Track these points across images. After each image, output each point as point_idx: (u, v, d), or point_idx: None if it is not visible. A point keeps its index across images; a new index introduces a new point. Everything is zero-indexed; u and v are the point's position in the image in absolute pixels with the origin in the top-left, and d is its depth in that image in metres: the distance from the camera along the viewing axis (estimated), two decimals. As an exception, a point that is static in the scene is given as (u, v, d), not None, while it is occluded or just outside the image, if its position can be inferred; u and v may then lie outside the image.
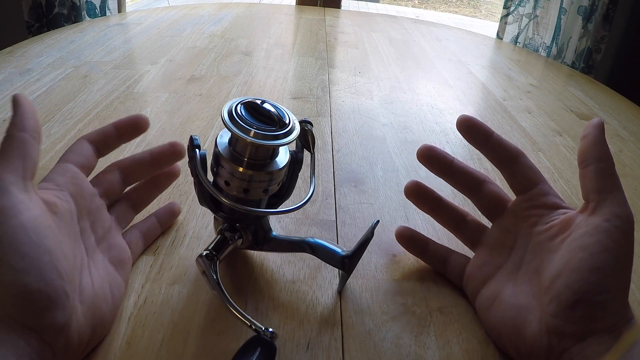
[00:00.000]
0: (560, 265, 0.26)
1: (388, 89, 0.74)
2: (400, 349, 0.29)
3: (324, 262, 0.35)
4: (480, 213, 0.35)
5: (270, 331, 0.26)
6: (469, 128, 0.34)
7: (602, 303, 0.25)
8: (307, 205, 0.32)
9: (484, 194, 0.34)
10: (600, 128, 0.29)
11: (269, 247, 0.33)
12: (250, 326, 0.26)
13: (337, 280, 0.34)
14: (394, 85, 0.75)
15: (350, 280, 0.34)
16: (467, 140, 0.34)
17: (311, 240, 0.33)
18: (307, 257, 0.36)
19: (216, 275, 0.28)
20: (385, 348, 0.29)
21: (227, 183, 0.28)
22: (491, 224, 0.34)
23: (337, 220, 0.41)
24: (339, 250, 0.32)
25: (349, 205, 0.43)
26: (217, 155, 0.29)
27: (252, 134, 0.27)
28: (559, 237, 0.28)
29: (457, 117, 0.34)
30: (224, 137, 0.30)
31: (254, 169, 0.28)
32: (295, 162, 0.32)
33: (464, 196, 0.35)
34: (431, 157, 0.34)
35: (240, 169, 0.28)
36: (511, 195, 0.34)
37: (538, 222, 0.31)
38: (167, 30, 0.94)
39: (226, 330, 0.29)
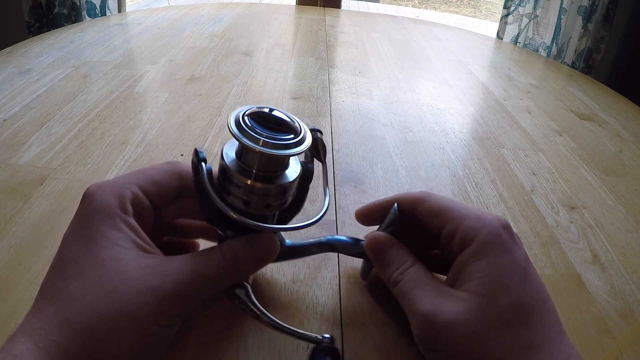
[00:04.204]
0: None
1: (388, 89, 0.74)
2: (400, 348, 0.29)
3: (323, 262, 0.35)
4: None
5: (328, 337, 0.26)
6: (364, 215, 0.33)
7: None
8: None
9: (420, 218, 0.30)
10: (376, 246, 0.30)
11: (286, 257, 0.32)
12: (307, 339, 0.26)
13: (337, 281, 0.34)
14: (394, 85, 0.75)
15: (350, 280, 0.34)
16: (372, 225, 0.33)
17: (329, 238, 0.32)
18: (307, 257, 0.36)
19: (255, 303, 0.27)
20: (385, 348, 0.29)
21: (245, 202, 0.26)
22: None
23: (337, 220, 0.41)
24: (360, 240, 0.32)
25: (349, 205, 0.43)
26: (224, 168, 0.27)
27: (261, 142, 0.25)
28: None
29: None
30: (230, 150, 0.27)
31: (263, 181, 0.26)
32: (306, 173, 0.29)
33: (463, 195, 0.35)
34: (368, 216, 0.33)
35: (249, 182, 0.26)
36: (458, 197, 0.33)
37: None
38: (167, 30, 0.94)
39: (226, 330, 0.29)
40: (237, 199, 0.26)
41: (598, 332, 0.33)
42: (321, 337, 0.26)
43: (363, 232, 0.40)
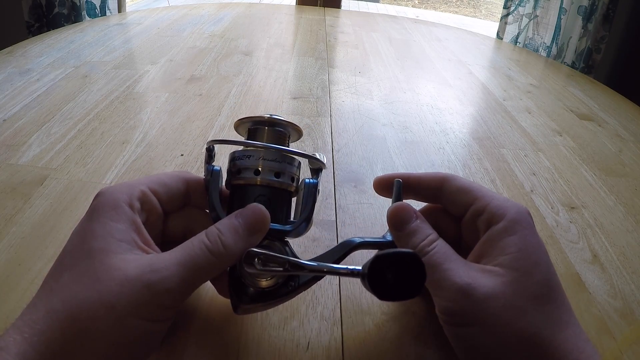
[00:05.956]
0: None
1: (388, 89, 0.74)
2: (400, 349, 0.29)
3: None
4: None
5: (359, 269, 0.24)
6: (381, 185, 0.32)
7: None
8: None
9: (446, 196, 0.31)
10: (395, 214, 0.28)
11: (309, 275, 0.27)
12: (351, 274, 0.24)
13: (337, 281, 0.34)
14: (394, 85, 0.75)
15: (350, 280, 0.34)
16: (386, 195, 0.32)
17: (350, 240, 0.29)
18: (308, 257, 0.36)
19: (279, 255, 0.25)
20: (385, 348, 0.29)
21: (255, 172, 0.27)
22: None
23: (337, 220, 0.41)
24: (383, 239, 0.30)
25: (349, 205, 0.43)
26: (233, 153, 0.28)
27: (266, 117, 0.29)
28: None
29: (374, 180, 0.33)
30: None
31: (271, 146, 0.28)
32: (310, 187, 0.29)
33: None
34: (387, 186, 0.32)
35: (259, 148, 0.28)
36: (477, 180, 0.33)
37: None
38: (167, 30, 0.94)
39: (226, 330, 0.29)
40: (248, 170, 0.27)
41: (598, 332, 0.33)
42: (360, 269, 0.24)
43: (361, 232, 0.40)
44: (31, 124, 0.53)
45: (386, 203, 0.44)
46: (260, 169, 0.27)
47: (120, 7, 1.25)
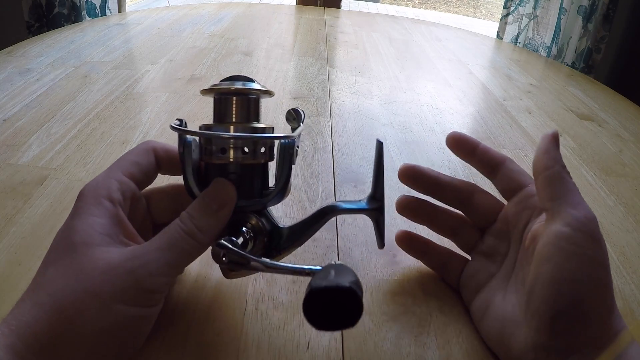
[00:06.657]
0: (532, 279, 0.26)
1: (388, 89, 0.74)
2: (400, 349, 0.29)
3: (324, 262, 0.35)
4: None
5: (319, 268, 0.25)
6: (457, 142, 0.35)
7: (581, 315, 0.24)
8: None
9: (475, 205, 0.33)
10: (550, 139, 0.30)
11: (289, 242, 0.29)
12: (302, 272, 0.26)
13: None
14: (394, 85, 0.75)
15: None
16: (456, 154, 0.35)
17: (329, 206, 0.30)
18: (308, 256, 0.36)
19: (242, 252, 0.26)
20: (385, 348, 0.29)
21: (222, 150, 0.27)
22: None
23: (337, 220, 0.41)
24: (362, 204, 0.30)
25: (349, 205, 0.43)
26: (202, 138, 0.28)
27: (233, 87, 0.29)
28: (531, 248, 0.28)
29: (448, 134, 0.35)
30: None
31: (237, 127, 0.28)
32: (285, 149, 0.29)
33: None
34: (416, 176, 0.34)
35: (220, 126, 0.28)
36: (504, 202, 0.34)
37: (527, 227, 0.30)
38: (167, 30, 0.94)
39: (225, 330, 0.29)
40: (218, 149, 0.27)
41: (598, 332, 0.33)
42: (319, 268, 0.25)
43: (361, 232, 0.40)
44: (31, 124, 0.53)
45: (386, 203, 0.44)
46: (229, 147, 0.27)
47: (120, 7, 1.25)
